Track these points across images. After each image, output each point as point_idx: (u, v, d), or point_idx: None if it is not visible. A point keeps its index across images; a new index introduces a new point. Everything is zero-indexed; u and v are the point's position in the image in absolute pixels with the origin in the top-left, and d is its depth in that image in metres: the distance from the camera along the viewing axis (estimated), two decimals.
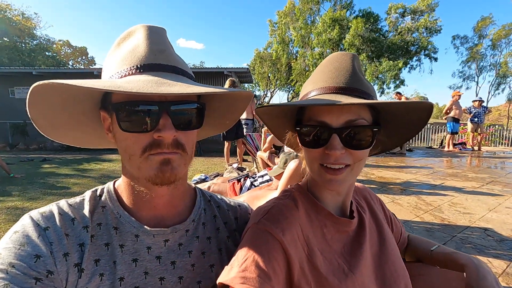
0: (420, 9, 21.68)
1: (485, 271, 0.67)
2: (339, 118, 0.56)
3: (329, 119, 0.56)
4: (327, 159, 0.57)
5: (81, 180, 5.12)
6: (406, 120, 0.63)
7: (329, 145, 0.56)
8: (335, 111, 0.56)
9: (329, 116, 0.56)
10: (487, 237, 2.63)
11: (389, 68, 18.48)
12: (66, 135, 0.60)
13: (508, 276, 1.99)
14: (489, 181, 4.81)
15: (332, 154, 0.55)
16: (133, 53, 0.52)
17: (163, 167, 0.51)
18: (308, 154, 0.61)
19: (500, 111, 34.93)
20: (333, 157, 0.56)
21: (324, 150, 0.57)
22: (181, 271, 0.56)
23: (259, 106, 0.63)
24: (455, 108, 8.36)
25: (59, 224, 0.50)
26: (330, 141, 0.56)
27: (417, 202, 3.60)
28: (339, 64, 0.60)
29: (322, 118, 0.56)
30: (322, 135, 0.57)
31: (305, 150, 0.62)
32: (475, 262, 0.69)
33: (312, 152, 0.59)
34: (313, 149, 0.58)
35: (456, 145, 9.23)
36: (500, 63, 27.63)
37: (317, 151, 0.58)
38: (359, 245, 0.64)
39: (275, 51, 26.10)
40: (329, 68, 0.60)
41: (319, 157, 0.58)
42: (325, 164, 0.57)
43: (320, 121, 0.57)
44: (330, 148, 0.55)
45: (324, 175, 0.58)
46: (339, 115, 0.56)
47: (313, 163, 0.60)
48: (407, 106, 0.59)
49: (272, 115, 0.70)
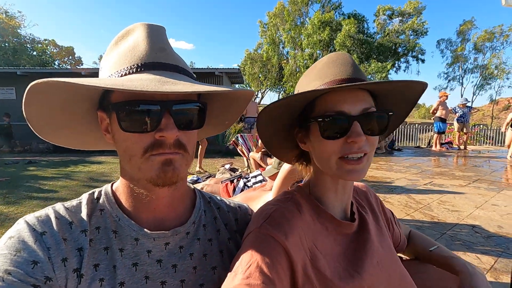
0: (407, 11, 22.17)
1: (478, 279, 0.68)
2: (356, 106, 0.57)
3: (347, 108, 0.57)
4: (349, 149, 0.57)
5: (68, 183, 4.99)
6: (400, 100, 0.67)
7: (353, 133, 0.56)
8: (351, 100, 0.58)
9: (346, 105, 0.57)
10: (475, 234, 2.70)
11: (378, 70, 18.80)
12: (62, 136, 0.58)
13: (496, 271, 2.04)
14: (475, 179, 4.94)
15: (357, 141, 0.56)
16: (133, 51, 0.50)
17: (165, 168, 0.50)
18: (326, 149, 0.60)
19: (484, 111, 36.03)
20: (357, 145, 0.57)
21: (345, 140, 0.57)
22: (183, 274, 0.55)
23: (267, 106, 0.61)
24: (441, 109, 8.57)
25: (56, 229, 0.49)
26: (352, 129, 0.56)
27: (407, 201, 3.67)
28: (342, 60, 0.62)
29: (340, 108, 0.57)
30: (341, 125, 0.57)
31: (322, 145, 0.60)
32: (470, 270, 0.70)
33: (331, 145, 0.59)
34: (333, 140, 0.58)
35: (443, 145, 9.46)
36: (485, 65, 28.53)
37: (337, 143, 0.58)
38: (363, 246, 0.64)
39: (266, 52, 26.19)
40: (335, 64, 0.61)
41: (339, 150, 0.58)
42: (346, 156, 0.58)
43: (339, 111, 0.57)
44: (354, 136, 0.56)
45: (345, 166, 0.58)
46: (355, 104, 0.57)
47: (332, 157, 0.59)
48: (407, 85, 0.61)
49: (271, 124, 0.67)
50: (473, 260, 2.19)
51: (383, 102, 0.66)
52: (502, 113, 42.40)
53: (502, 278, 1.95)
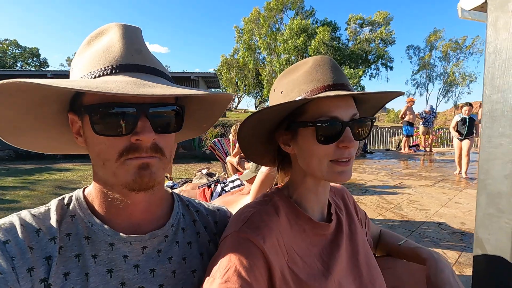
0: (377, 21, 23.37)
1: (443, 264, 0.74)
2: (347, 112, 0.60)
3: (339, 114, 0.59)
4: (341, 154, 0.59)
5: (32, 192, 4.67)
6: (372, 106, 0.73)
7: (345, 138, 0.58)
8: (343, 106, 0.60)
9: (339, 111, 0.59)
10: (441, 231, 2.88)
11: (350, 76, 19.56)
12: (28, 140, 0.55)
13: (461, 265, 2.19)
14: (440, 179, 5.27)
15: (350, 146, 0.58)
16: (108, 52, 0.49)
17: (141, 172, 0.48)
18: (318, 153, 0.60)
19: (447, 115, 38.56)
20: (347, 150, 0.59)
21: (336, 145, 0.59)
22: (161, 278, 0.54)
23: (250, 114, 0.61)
24: (409, 113, 9.09)
25: (21, 237, 0.46)
26: (345, 135, 0.58)
27: (380, 201, 3.83)
28: (332, 64, 0.63)
29: (334, 113, 0.59)
30: (335, 130, 0.59)
31: (315, 149, 0.60)
32: (435, 257, 0.76)
33: (324, 150, 0.60)
34: (324, 145, 0.59)
35: (411, 147, 10.00)
36: (448, 73, 30.71)
37: (330, 148, 0.59)
38: (337, 246, 0.66)
39: (242, 57, 26.32)
40: (325, 68, 0.62)
41: (332, 153, 0.59)
42: (337, 159, 0.59)
43: (333, 116, 0.59)
44: (348, 141, 0.58)
45: (336, 168, 0.59)
46: (347, 110, 0.60)
47: (323, 161, 0.60)
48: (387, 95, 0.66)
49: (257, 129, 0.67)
50: None
51: (359, 108, 0.68)
52: None
53: (465, 271, 2.09)
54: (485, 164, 0.85)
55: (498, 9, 0.83)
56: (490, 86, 0.84)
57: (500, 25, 0.82)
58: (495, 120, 0.83)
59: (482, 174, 0.86)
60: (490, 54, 0.84)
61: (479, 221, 0.87)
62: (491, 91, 0.84)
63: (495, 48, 0.83)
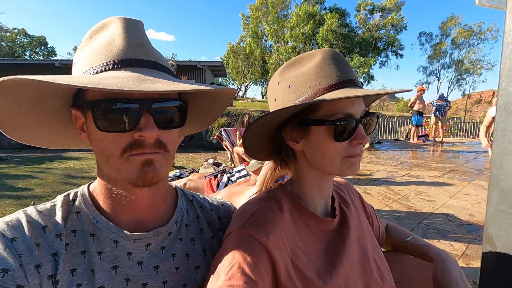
0: (387, 7, 22.61)
1: (451, 264, 0.72)
2: (359, 109, 0.60)
3: (354, 111, 0.59)
4: (354, 150, 0.59)
5: (44, 180, 4.78)
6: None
7: (358, 136, 0.58)
8: (357, 102, 0.59)
9: (353, 108, 0.59)
10: (449, 222, 2.85)
11: (360, 64, 19.14)
12: (32, 136, 0.55)
13: (468, 257, 2.17)
14: (449, 170, 5.19)
15: (363, 143, 0.59)
16: (109, 47, 0.48)
17: (145, 168, 0.48)
18: (332, 150, 0.59)
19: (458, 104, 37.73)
20: (360, 147, 0.60)
21: (350, 142, 0.59)
22: (165, 275, 0.54)
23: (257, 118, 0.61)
24: (419, 102, 8.88)
25: (28, 234, 0.46)
26: (357, 132, 0.58)
27: (386, 192, 3.80)
28: (342, 59, 0.62)
29: (349, 110, 0.58)
30: (351, 127, 0.58)
31: (330, 147, 0.59)
32: (443, 256, 0.75)
33: (338, 147, 0.59)
34: (338, 142, 0.58)
35: (420, 137, 9.84)
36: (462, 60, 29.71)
37: (343, 145, 0.59)
38: (343, 241, 0.65)
39: (248, 45, 25.95)
40: (336, 62, 0.60)
41: (345, 150, 0.59)
42: (350, 155, 0.60)
43: (348, 114, 0.58)
44: (361, 138, 0.58)
45: (348, 161, 0.60)
46: (359, 106, 0.60)
47: (336, 158, 0.60)
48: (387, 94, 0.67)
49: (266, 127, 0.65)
50: (447, 247, 2.31)
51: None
52: (474, 106, 44.62)
53: (472, 264, 2.08)
54: (498, 159, 0.82)
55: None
56: (506, 77, 0.80)
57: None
58: (511, 113, 0.79)
59: (494, 169, 0.83)
60: (508, 44, 0.80)
61: (489, 217, 0.85)
62: (508, 83, 0.80)
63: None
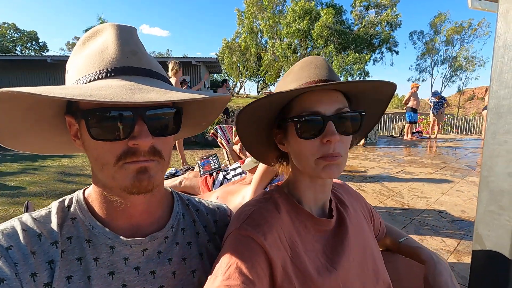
0: (383, 3, 22.62)
1: (442, 267, 0.74)
2: (331, 106, 0.60)
3: (322, 109, 0.59)
4: (326, 150, 0.59)
5: (38, 178, 4.73)
6: (374, 102, 0.70)
7: (328, 132, 0.58)
8: (326, 100, 0.60)
9: (321, 106, 0.59)
10: (441, 219, 2.90)
11: (356, 61, 19.17)
12: (26, 143, 0.54)
13: (459, 253, 2.22)
14: (442, 166, 5.26)
15: (332, 140, 0.58)
16: (102, 54, 0.47)
17: (139, 176, 0.48)
18: (303, 149, 0.61)
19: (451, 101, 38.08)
20: (332, 145, 0.59)
21: (321, 141, 0.59)
22: (162, 280, 0.55)
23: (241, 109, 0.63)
24: (413, 99, 8.96)
25: (23, 242, 0.46)
26: (327, 129, 0.58)
27: (381, 189, 3.85)
28: (317, 63, 0.64)
29: (316, 108, 0.59)
30: (317, 125, 0.59)
31: (298, 145, 0.62)
32: (435, 259, 0.76)
33: (308, 145, 0.60)
34: (310, 140, 0.60)
35: (414, 134, 9.94)
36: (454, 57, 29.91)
37: (314, 144, 0.60)
38: (341, 241, 0.66)
39: (244, 41, 25.77)
40: (310, 67, 0.64)
41: (317, 151, 0.59)
42: (323, 156, 0.59)
43: (315, 111, 0.59)
44: (329, 135, 0.58)
45: (322, 163, 0.59)
46: (330, 104, 0.60)
47: (310, 157, 0.60)
48: (376, 85, 0.64)
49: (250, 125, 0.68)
50: (439, 243, 2.36)
51: (357, 104, 0.69)
52: (467, 102, 45.11)
53: (464, 259, 2.12)
54: (488, 160, 0.84)
55: (510, 0, 0.79)
56: (497, 81, 0.81)
57: (511, 17, 0.78)
58: (501, 116, 0.81)
59: (485, 171, 0.85)
60: (499, 48, 0.81)
61: (479, 218, 0.87)
62: (499, 86, 0.81)
63: (504, 42, 0.80)
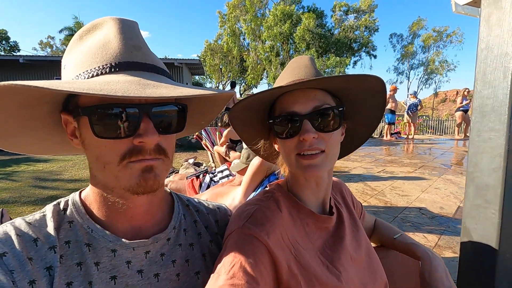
0: (362, 9, 23.37)
1: (437, 263, 0.76)
2: (307, 105, 0.61)
3: (297, 108, 0.61)
4: (302, 146, 0.60)
5: (11, 184, 4.47)
6: (367, 105, 0.69)
7: (302, 131, 0.59)
8: (303, 100, 0.61)
9: (297, 105, 0.61)
10: (422, 215, 3.01)
11: (336, 64, 19.61)
12: (17, 143, 0.51)
13: (440, 247, 2.31)
14: (421, 165, 5.48)
15: (307, 139, 0.59)
16: (104, 49, 0.46)
17: (145, 175, 0.46)
18: (284, 147, 0.64)
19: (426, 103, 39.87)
20: (307, 142, 0.60)
21: (298, 139, 0.60)
22: (166, 283, 0.53)
23: (234, 104, 0.64)
24: (391, 101, 9.29)
25: (18, 248, 0.43)
26: (302, 127, 0.60)
27: (364, 188, 3.95)
28: (299, 63, 0.66)
29: (292, 108, 0.61)
30: (294, 124, 0.61)
31: (281, 144, 0.65)
32: (430, 255, 0.79)
33: (287, 143, 0.63)
34: (288, 139, 0.62)
35: (392, 134, 10.30)
36: (428, 61, 31.39)
37: (292, 141, 0.62)
38: (340, 239, 0.68)
39: (226, 43, 25.71)
40: (291, 68, 0.66)
41: (295, 147, 0.61)
42: (302, 153, 0.61)
43: (290, 112, 0.61)
44: (303, 133, 0.59)
45: (302, 162, 0.61)
46: (306, 103, 0.61)
47: (290, 155, 0.63)
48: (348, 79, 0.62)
49: (244, 120, 0.70)
50: (421, 239, 2.45)
51: (351, 102, 0.68)
52: (440, 104, 47.41)
53: (445, 254, 2.21)
54: (473, 157, 0.89)
55: (491, 5, 0.84)
56: (481, 81, 0.86)
57: (493, 21, 0.83)
58: (485, 115, 0.85)
59: (470, 167, 0.89)
60: (482, 50, 0.86)
61: (466, 212, 0.91)
62: (482, 86, 0.86)
63: (487, 44, 0.85)
